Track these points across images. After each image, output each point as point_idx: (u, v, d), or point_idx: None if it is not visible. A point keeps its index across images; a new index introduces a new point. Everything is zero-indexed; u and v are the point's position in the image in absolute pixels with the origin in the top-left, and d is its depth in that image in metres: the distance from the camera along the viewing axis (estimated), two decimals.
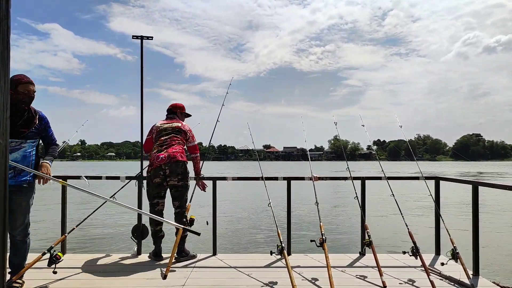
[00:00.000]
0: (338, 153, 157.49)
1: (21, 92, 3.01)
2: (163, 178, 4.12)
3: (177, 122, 4.44)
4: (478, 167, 74.88)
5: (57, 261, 3.50)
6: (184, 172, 4.17)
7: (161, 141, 4.24)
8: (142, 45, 4.64)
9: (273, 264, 4.16)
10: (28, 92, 3.06)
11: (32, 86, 3.09)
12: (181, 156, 4.16)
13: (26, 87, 3.04)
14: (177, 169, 4.11)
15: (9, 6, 1.03)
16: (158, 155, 4.14)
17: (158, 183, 4.14)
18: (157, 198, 4.19)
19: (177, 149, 4.18)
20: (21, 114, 3.10)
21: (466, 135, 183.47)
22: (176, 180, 4.12)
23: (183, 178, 4.16)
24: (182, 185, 4.17)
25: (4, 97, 0.91)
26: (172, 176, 4.10)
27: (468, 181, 4.22)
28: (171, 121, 4.45)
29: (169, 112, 4.61)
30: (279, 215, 4.30)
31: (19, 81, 3.01)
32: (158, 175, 4.12)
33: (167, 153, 4.11)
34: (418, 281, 3.60)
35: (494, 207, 14.23)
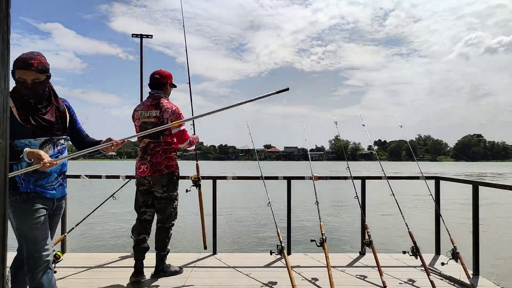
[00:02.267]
0: (338, 153, 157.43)
1: (16, 79, 2.33)
2: (150, 186, 3.62)
3: (156, 107, 3.58)
4: (479, 167, 74.82)
5: (57, 260, 3.50)
6: (170, 182, 3.62)
7: (144, 144, 3.60)
8: (142, 43, 4.68)
9: (273, 263, 4.16)
10: (23, 81, 2.29)
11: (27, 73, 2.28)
12: (166, 167, 3.58)
13: (19, 74, 2.30)
14: (162, 180, 3.57)
15: (9, 5, 1.02)
16: (140, 165, 3.61)
17: (145, 190, 3.65)
18: (144, 207, 3.68)
19: (162, 158, 3.56)
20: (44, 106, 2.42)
21: (467, 136, 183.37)
22: (161, 192, 3.59)
23: (169, 189, 3.61)
24: (166, 197, 3.62)
25: (4, 97, 0.90)
26: (156, 187, 3.59)
27: (468, 181, 4.21)
28: (153, 107, 3.60)
29: (154, 86, 3.69)
30: (279, 214, 4.29)
31: (14, 64, 2.30)
32: (144, 183, 3.62)
33: (150, 163, 3.54)
34: (418, 281, 3.60)
35: (495, 207, 14.21)
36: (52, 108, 2.44)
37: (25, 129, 2.27)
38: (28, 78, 2.28)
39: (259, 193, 15.42)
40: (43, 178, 2.34)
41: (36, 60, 2.30)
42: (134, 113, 3.73)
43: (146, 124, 3.57)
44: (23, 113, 2.30)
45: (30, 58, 2.29)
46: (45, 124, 2.35)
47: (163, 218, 3.66)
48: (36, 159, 2.18)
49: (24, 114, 2.30)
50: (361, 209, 4.27)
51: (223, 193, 14.36)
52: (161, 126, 3.23)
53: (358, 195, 4.22)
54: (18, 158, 2.24)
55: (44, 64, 2.33)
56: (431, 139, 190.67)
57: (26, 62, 2.27)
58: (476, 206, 3.92)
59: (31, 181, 2.32)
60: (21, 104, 2.33)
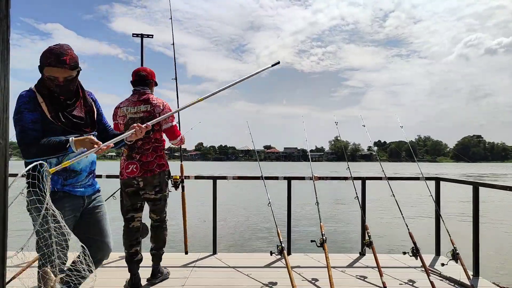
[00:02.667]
0: (338, 154, 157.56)
1: (46, 77, 2.14)
2: (138, 188, 3.35)
3: (146, 102, 3.36)
4: (479, 168, 74.82)
5: None
6: (162, 182, 3.40)
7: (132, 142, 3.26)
8: (143, 43, 4.66)
9: (273, 264, 4.15)
10: (54, 79, 2.12)
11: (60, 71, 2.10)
12: (158, 166, 3.36)
13: (50, 72, 2.11)
14: (153, 181, 3.33)
15: (9, 5, 1.02)
16: (127, 165, 3.33)
17: (132, 192, 3.37)
18: (131, 212, 3.40)
19: (153, 157, 3.35)
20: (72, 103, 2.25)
21: (466, 137, 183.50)
22: (153, 193, 3.35)
23: (162, 190, 3.40)
24: (161, 198, 3.41)
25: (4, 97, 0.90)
26: (147, 189, 3.34)
27: (469, 182, 4.21)
28: (141, 102, 3.37)
29: (139, 82, 3.46)
30: (279, 215, 4.29)
31: (43, 61, 2.11)
32: (132, 184, 3.34)
33: (140, 163, 3.30)
34: (418, 281, 3.59)
35: (495, 207, 14.21)
36: (80, 102, 2.27)
37: (56, 127, 2.12)
38: (60, 76, 2.10)
39: (259, 193, 15.42)
40: (72, 177, 2.20)
41: (68, 56, 2.11)
42: (117, 110, 3.43)
43: (134, 120, 3.30)
44: (53, 109, 2.14)
45: (62, 54, 2.09)
46: (75, 121, 2.20)
47: (160, 218, 3.50)
48: (89, 144, 2.01)
49: (54, 110, 2.14)
50: (361, 209, 4.27)
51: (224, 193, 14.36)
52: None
53: (358, 195, 4.22)
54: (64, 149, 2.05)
55: (75, 59, 2.16)
56: (431, 140, 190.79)
57: (58, 59, 2.07)
58: (477, 207, 3.92)
59: (59, 181, 2.17)
60: (50, 100, 2.15)
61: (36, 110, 2.09)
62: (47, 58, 2.08)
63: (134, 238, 3.41)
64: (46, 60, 2.09)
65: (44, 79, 2.13)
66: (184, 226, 3.86)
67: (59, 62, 2.07)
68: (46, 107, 2.11)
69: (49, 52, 2.09)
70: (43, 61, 2.09)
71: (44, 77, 2.13)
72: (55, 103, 2.16)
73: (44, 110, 2.10)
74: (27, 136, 2.04)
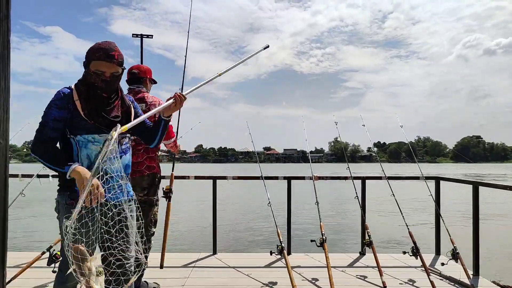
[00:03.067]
0: (338, 155, 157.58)
1: (92, 71, 2.08)
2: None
3: (140, 102, 3.24)
4: (479, 169, 74.83)
5: (57, 260, 3.48)
6: (151, 186, 3.24)
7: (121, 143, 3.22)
8: (142, 43, 4.66)
9: (273, 264, 4.15)
10: (101, 73, 2.07)
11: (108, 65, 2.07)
12: (147, 168, 3.23)
13: (97, 66, 2.07)
14: (142, 182, 3.20)
15: (9, 6, 1.03)
16: None
17: None
18: None
19: (143, 158, 3.23)
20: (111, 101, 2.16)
21: (466, 137, 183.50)
22: (141, 195, 3.19)
23: (149, 193, 3.24)
24: (146, 201, 3.21)
25: (5, 98, 0.91)
26: (136, 190, 2.99)
27: (469, 181, 4.21)
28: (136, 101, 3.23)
29: (133, 81, 3.37)
30: (279, 214, 4.29)
31: (91, 55, 2.08)
32: None
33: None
34: (418, 281, 3.59)
35: (494, 207, 14.21)
36: (118, 103, 2.20)
37: (88, 125, 2.06)
38: (107, 70, 2.07)
39: (259, 193, 15.42)
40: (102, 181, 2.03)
41: (117, 52, 2.10)
42: None
43: None
44: (88, 107, 2.08)
45: (111, 49, 2.08)
46: (112, 120, 2.10)
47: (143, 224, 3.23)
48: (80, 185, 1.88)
49: (88, 108, 2.08)
50: (361, 209, 4.27)
51: (224, 193, 14.37)
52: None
53: (358, 195, 4.22)
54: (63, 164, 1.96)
55: (122, 57, 2.15)
56: (431, 141, 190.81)
57: (107, 54, 2.06)
58: (476, 207, 3.92)
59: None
60: (87, 97, 2.10)
61: (65, 108, 2.05)
62: (96, 52, 2.06)
63: None
64: (94, 54, 2.07)
65: (89, 74, 2.08)
66: (164, 237, 3.55)
67: (107, 56, 2.05)
68: (80, 105, 2.07)
69: (97, 47, 2.08)
70: (91, 55, 2.07)
71: (89, 72, 2.08)
72: (94, 101, 2.10)
73: (77, 107, 2.06)
74: (43, 132, 2.04)
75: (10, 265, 3.81)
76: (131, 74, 3.40)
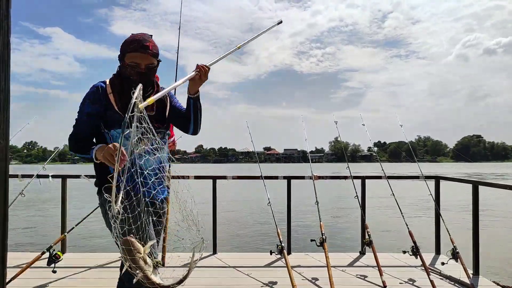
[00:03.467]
0: (338, 155, 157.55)
1: (127, 64, 2.03)
2: None
3: None
4: (479, 168, 74.80)
5: (57, 260, 3.50)
6: None
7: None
8: None
9: (273, 263, 4.15)
10: (136, 65, 2.01)
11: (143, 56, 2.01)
12: None
13: (133, 57, 2.01)
14: None
15: (9, 6, 1.03)
16: None
17: None
18: None
19: None
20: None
21: (466, 137, 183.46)
22: None
23: None
24: None
25: (4, 98, 0.91)
26: None
27: (468, 181, 4.21)
28: None
29: None
30: (279, 214, 4.29)
31: (126, 47, 2.03)
32: None
33: None
34: (418, 280, 3.59)
35: (494, 206, 14.20)
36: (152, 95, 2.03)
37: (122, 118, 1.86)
38: (142, 62, 2.01)
39: (259, 193, 15.44)
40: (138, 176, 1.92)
41: (151, 43, 2.04)
42: None
43: None
44: (121, 100, 2.02)
45: (145, 40, 2.02)
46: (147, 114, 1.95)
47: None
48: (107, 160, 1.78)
49: (122, 101, 2.01)
50: (361, 208, 4.28)
51: (223, 193, 14.37)
52: None
53: (358, 194, 4.23)
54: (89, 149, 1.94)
55: (157, 48, 2.08)
56: (431, 140, 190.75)
57: (142, 44, 2.00)
58: (476, 206, 3.92)
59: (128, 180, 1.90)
60: (121, 90, 2.03)
61: (97, 103, 2.02)
62: (130, 44, 2.01)
63: None
64: (129, 46, 2.01)
65: (124, 66, 2.04)
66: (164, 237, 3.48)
67: (142, 47, 2.00)
68: (114, 98, 2.03)
69: (132, 38, 2.03)
70: (125, 47, 2.02)
71: (124, 65, 2.03)
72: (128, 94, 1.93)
73: (111, 101, 2.02)
74: (78, 128, 2.04)
75: (10, 265, 3.82)
76: None
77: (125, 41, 2.04)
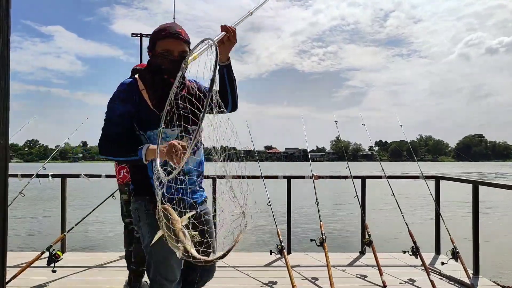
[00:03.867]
0: (340, 154, 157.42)
1: (158, 53, 1.87)
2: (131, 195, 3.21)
3: None
4: (481, 168, 74.70)
5: (56, 260, 3.50)
6: None
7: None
8: (142, 42, 4.64)
9: (273, 263, 4.15)
10: (168, 53, 1.84)
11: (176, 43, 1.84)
12: None
13: (164, 45, 1.85)
14: None
15: (9, 5, 1.02)
16: (119, 170, 3.24)
17: (125, 199, 3.28)
18: (129, 217, 3.28)
19: None
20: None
21: (468, 136, 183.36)
22: None
23: None
24: None
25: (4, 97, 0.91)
26: None
27: (468, 181, 4.20)
28: None
29: None
30: (279, 214, 4.29)
31: (157, 35, 1.87)
32: (125, 191, 3.26)
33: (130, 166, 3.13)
34: (418, 280, 3.59)
35: (495, 206, 14.18)
36: (185, 91, 1.90)
37: (157, 116, 1.76)
38: (175, 49, 1.83)
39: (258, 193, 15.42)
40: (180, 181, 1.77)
41: (183, 30, 1.87)
42: None
43: None
44: (155, 97, 1.84)
45: (177, 26, 1.86)
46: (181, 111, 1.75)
47: None
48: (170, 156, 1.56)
49: (156, 98, 1.84)
50: (361, 208, 4.27)
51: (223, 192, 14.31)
52: None
53: (358, 194, 4.22)
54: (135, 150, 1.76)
55: (188, 36, 1.91)
56: (432, 139, 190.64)
57: (174, 30, 1.84)
58: (476, 206, 3.91)
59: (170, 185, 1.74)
60: (153, 84, 1.87)
61: (129, 101, 1.84)
62: (161, 31, 1.85)
63: (132, 238, 3.28)
64: (159, 33, 1.85)
65: (156, 56, 1.86)
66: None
67: (174, 33, 1.83)
68: (147, 95, 1.86)
69: (162, 27, 1.88)
70: (156, 36, 1.86)
71: (156, 54, 1.86)
72: (160, 88, 1.85)
73: (144, 98, 1.85)
74: (108, 129, 1.86)
75: (10, 264, 3.82)
76: (131, 72, 3.33)
77: (154, 31, 1.88)
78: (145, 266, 1.99)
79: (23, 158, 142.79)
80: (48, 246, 3.53)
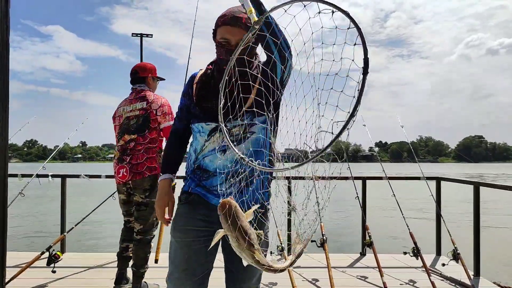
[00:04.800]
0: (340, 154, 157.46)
1: (218, 42, 1.70)
2: (128, 195, 3.25)
3: (142, 99, 3.19)
4: (481, 169, 74.70)
5: (56, 260, 3.50)
6: (153, 187, 3.12)
7: (124, 143, 3.17)
8: (142, 42, 4.64)
9: None
10: (227, 42, 1.65)
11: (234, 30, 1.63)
12: (148, 169, 3.11)
13: (222, 33, 1.66)
14: (143, 183, 3.11)
15: (8, 5, 1.02)
16: (118, 169, 3.17)
17: (124, 200, 3.29)
18: (127, 216, 3.34)
19: (143, 159, 3.11)
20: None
21: (468, 137, 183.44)
22: (143, 196, 3.12)
23: (151, 195, 3.12)
24: (147, 203, 3.12)
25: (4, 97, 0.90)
26: (137, 191, 3.13)
27: (469, 182, 4.20)
28: (137, 100, 3.20)
29: (134, 80, 3.33)
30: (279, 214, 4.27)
31: (217, 22, 1.70)
32: (122, 191, 3.27)
33: (130, 166, 3.09)
34: (419, 281, 3.58)
35: (495, 207, 14.18)
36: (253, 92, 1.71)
37: (198, 111, 1.72)
38: (233, 38, 1.63)
39: None
40: (205, 179, 1.69)
41: (245, 16, 1.63)
42: (115, 112, 3.35)
43: (129, 119, 3.17)
44: (201, 90, 1.75)
45: (238, 12, 1.64)
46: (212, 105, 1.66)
47: (144, 228, 3.14)
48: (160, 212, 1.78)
49: (201, 93, 1.74)
50: (361, 209, 4.26)
51: None
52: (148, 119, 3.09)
53: (358, 195, 4.21)
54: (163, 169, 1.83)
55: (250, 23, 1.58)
56: (432, 140, 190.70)
57: (233, 16, 1.63)
58: (477, 207, 3.90)
59: (195, 179, 1.72)
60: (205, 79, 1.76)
61: (186, 95, 1.81)
62: (221, 17, 1.67)
63: (128, 235, 3.30)
64: (220, 19, 1.67)
65: (216, 45, 1.71)
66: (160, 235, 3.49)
67: (235, 19, 1.63)
68: (195, 88, 1.77)
69: (225, 11, 1.69)
70: (217, 21, 1.69)
71: (216, 44, 1.70)
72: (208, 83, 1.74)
73: (193, 91, 1.77)
74: (174, 123, 1.89)
75: (10, 265, 3.82)
76: (132, 74, 3.38)
77: (218, 17, 1.70)
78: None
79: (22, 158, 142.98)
80: (48, 246, 3.53)
